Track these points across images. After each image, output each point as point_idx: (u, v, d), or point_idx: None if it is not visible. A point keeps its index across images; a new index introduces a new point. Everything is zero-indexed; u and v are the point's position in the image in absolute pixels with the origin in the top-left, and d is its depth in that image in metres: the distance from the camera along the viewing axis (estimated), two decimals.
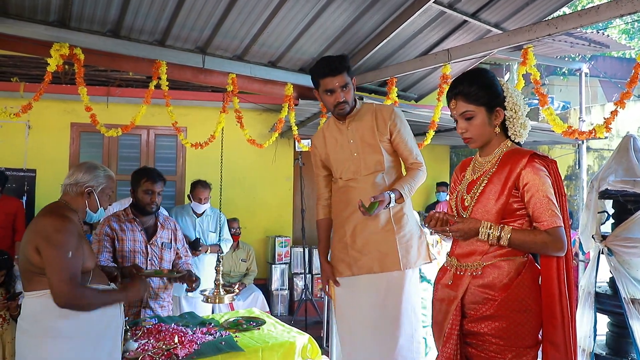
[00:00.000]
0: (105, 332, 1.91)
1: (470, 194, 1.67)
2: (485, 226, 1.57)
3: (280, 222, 6.27)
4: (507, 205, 1.58)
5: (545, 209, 1.53)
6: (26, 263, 1.83)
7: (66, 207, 1.95)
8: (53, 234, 1.81)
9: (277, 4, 3.42)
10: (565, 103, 8.82)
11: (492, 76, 1.68)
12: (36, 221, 1.88)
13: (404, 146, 2.21)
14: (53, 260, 1.77)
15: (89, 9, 3.24)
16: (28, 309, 1.83)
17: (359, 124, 2.23)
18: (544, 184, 1.54)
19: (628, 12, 2.44)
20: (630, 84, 2.52)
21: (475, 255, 1.62)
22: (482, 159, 1.71)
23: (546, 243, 1.52)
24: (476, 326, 1.58)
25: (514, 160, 1.59)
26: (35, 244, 1.80)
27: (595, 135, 2.75)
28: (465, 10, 3.77)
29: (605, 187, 2.67)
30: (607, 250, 2.63)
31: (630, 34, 10.58)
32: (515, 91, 1.65)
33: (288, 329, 2.62)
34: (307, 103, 4.47)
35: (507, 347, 1.53)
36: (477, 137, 1.67)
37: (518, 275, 1.56)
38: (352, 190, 2.22)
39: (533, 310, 1.55)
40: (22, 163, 5.41)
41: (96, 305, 1.86)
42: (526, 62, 3.08)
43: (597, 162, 6.37)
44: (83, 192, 1.97)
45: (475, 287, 1.59)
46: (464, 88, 1.64)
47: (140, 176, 2.71)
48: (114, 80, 5.53)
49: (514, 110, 1.63)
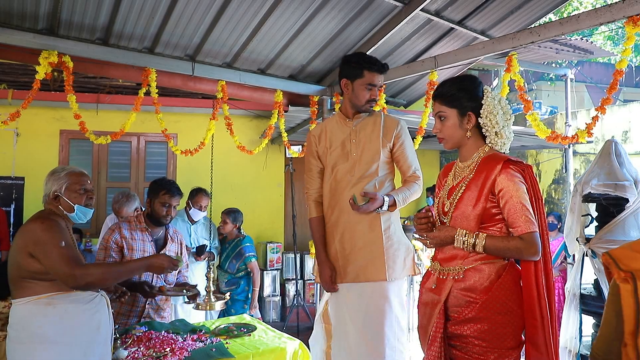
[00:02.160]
0: (95, 338, 1.91)
1: (450, 200, 1.71)
2: (460, 234, 1.62)
3: (271, 228, 6.28)
4: (485, 210, 1.61)
5: (519, 214, 1.56)
6: (16, 270, 1.84)
7: (52, 213, 1.99)
8: (41, 233, 1.84)
9: (266, 11, 3.46)
10: (553, 108, 8.95)
11: (475, 83, 1.72)
12: (23, 228, 1.91)
13: (405, 159, 2.23)
14: (50, 253, 1.80)
15: (77, 17, 3.25)
16: (17, 316, 1.83)
17: (365, 126, 2.25)
18: (518, 190, 1.58)
19: (607, 21, 2.52)
20: (610, 90, 2.58)
21: (457, 259, 1.66)
22: (462, 164, 1.75)
23: (519, 248, 1.56)
24: (459, 328, 1.61)
25: (490, 166, 1.63)
26: (28, 249, 1.82)
27: (577, 140, 2.81)
28: (452, 18, 3.84)
29: (589, 190, 2.72)
30: (591, 253, 2.68)
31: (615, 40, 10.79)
32: (495, 101, 1.67)
33: (279, 334, 2.63)
34: (297, 109, 4.50)
35: (490, 349, 1.56)
36: (448, 138, 1.73)
37: (499, 278, 1.59)
38: (341, 193, 2.21)
39: (514, 311, 1.58)
40: (10, 171, 5.36)
41: (112, 278, 1.88)
42: (510, 68, 3.14)
43: (583, 166, 6.47)
44: (53, 199, 2.00)
45: (458, 290, 1.63)
46: (443, 90, 1.72)
47: (159, 188, 2.69)
48: (104, 87, 5.52)
49: (488, 118, 1.66)
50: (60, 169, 2.07)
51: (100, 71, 3.77)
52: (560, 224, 4.84)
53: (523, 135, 5.29)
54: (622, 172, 2.64)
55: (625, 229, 2.58)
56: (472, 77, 1.77)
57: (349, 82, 2.21)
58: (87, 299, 1.91)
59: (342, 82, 2.23)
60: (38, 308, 1.79)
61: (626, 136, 6.22)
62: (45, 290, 1.82)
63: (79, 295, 1.89)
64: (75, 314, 1.86)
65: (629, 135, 6.22)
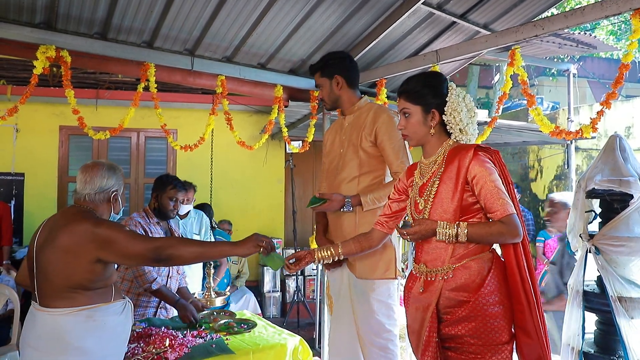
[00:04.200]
0: (124, 346, 1.89)
1: (424, 197, 1.70)
2: (442, 226, 1.61)
3: (272, 224, 6.26)
4: (463, 201, 1.62)
5: (496, 198, 1.57)
6: (65, 279, 1.70)
7: (93, 213, 1.83)
8: (106, 230, 1.72)
9: (266, 5, 3.42)
10: (555, 103, 8.91)
11: (440, 79, 1.73)
12: (73, 231, 1.71)
13: (386, 155, 2.17)
14: (123, 241, 1.70)
15: (75, 11, 3.21)
16: (52, 327, 1.72)
17: (354, 122, 2.24)
18: (492, 174, 1.59)
19: (613, 14, 2.47)
20: (615, 84, 2.54)
21: (442, 258, 1.64)
22: (427, 160, 1.75)
23: (502, 232, 1.56)
24: (454, 329, 1.59)
25: (460, 155, 1.64)
26: (95, 254, 1.69)
27: (582, 135, 2.78)
28: (454, 11, 3.79)
29: (592, 186, 2.69)
30: (595, 249, 2.66)
31: (617, 35, 10.72)
32: (459, 98, 1.68)
33: (279, 331, 2.62)
34: (297, 105, 4.47)
35: (485, 346, 1.55)
36: (413, 135, 1.74)
37: (489, 272, 1.59)
38: (329, 187, 2.29)
39: (504, 303, 1.58)
40: (10, 167, 5.35)
41: (193, 256, 1.77)
42: (513, 62, 3.10)
43: (585, 162, 6.44)
44: (109, 198, 1.87)
45: (449, 290, 1.61)
46: (408, 87, 1.73)
47: (167, 182, 2.83)
48: (103, 82, 5.49)
49: (452, 115, 1.67)
50: (116, 166, 1.95)
51: (99, 66, 3.73)
52: None
53: (524, 131, 5.26)
54: (627, 168, 2.61)
55: (629, 225, 2.55)
56: (437, 74, 1.80)
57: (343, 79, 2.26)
58: (119, 309, 1.84)
59: (336, 77, 2.25)
60: (77, 320, 1.71)
61: (629, 132, 6.18)
62: (87, 302, 1.73)
63: (116, 307, 1.83)
64: (113, 326, 1.80)
65: (631, 130, 6.18)
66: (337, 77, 2.23)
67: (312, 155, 5.96)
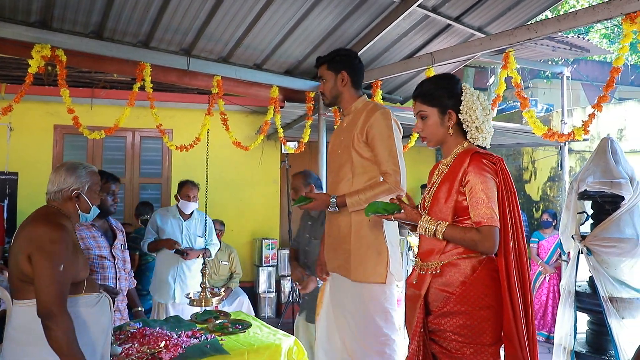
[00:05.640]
0: (99, 340, 1.86)
1: (429, 195, 1.76)
2: (424, 220, 1.67)
3: (267, 224, 6.26)
4: (457, 204, 1.65)
5: (480, 207, 1.58)
6: (17, 271, 1.77)
7: (59, 213, 1.86)
8: (47, 244, 1.73)
9: (262, 6, 3.43)
10: (549, 106, 8.96)
11: (453, 81, 1.75)
12: (30, 228, 1.79)
13: (375, 155, 2.10)
14: (44, 272, 1.70)
15: (71, 9, 3.21)
16: (19, 318, 1.76)
17: (351, 122, 2.22)
18: (484, 182, 1.60)
19: (604, 18, 2.51)
20: (607, 87, 2.58)
21: (434, 254, 1.69)
22: (444, 160, 1.79)
23: (474, 240, 1.58)
24: (438, 323, 1.63)
25: (462, 160, 1.67)
26: (28, 253, 1.73)
27: (574, 137, 2.81)
28: (449, 14, 3.82)
29: (584, 188, 2.73)
30: (586, 250, 2.69)
31: (610, 38, 10.82)
32: (474, 97, 1.71)
33: (274, 331, 2.62)
34: (293, 105, 4.48)
35: (466, 344, 1.58)
36: (431, 137, 1.78)
37: (474, 273, 1.60)
38: (329, 188, 2.29)
39: (493, 307, 1.59)
40: (3, 166, 5.30)
41: (64, 340, 1.69)
42: (507, 65, 3.13)
43: (579, 164, 6.49)
44: (71, 197, 1.89)
45: (436, 286, 1.66)
46: (423, 90, 1.76)
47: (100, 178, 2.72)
48: (99, 81, 5.46)
49: (468, 114, 1.70)
50: (80, 165, 1.94)
51: (94, 65, 3.73)
52: (556, 221, 4.86)
53: (519, 133, 5.29)
54: (618, 170, 2.64)
55: (620, 226, 2.59)
56: (450, 76, 1.82)
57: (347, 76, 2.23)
58: (93, 301, 1.86)
59: (342, 73, 2.22)
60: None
61: (621, 134, 6.24)
62: None
63: (87, 299, 1.84)
64: (83, 318, 1.81)
65: (624, 133, 6.23)
66: (342, 73, 2.22)
67: (307, 156, 5.97)
